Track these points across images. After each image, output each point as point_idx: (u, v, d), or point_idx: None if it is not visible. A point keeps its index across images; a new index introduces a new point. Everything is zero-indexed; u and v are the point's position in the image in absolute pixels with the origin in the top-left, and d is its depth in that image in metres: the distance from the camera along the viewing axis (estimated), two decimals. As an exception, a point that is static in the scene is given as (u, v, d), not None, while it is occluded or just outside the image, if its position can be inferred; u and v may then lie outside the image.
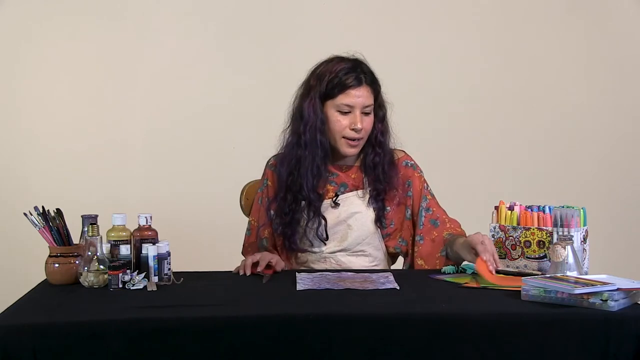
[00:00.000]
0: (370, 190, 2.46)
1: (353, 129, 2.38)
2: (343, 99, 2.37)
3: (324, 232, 2.43)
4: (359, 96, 2.37)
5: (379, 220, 2.46)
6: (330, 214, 2.45)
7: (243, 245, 2.56)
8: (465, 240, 2.25)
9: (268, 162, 2.56)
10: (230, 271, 2.28)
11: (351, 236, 2.45)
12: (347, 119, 2.38)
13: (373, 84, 2.41)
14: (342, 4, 3.77)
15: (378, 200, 2.45)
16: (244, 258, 2.49)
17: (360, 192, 2.47)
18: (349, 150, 2.42)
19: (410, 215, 2.50)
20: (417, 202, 2.48)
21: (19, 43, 3.63)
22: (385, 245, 2.49)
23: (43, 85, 3.65)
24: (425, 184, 2.50)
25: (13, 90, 3.65)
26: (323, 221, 2.43)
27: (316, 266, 2.46)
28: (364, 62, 2.43)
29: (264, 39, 3.73)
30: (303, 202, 2.43)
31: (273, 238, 2.50)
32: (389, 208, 2.47)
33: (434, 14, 3.82)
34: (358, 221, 2.45)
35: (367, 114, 2.40)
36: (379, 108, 2.45)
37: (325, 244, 2.45)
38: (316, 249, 2.46)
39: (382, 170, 2.44)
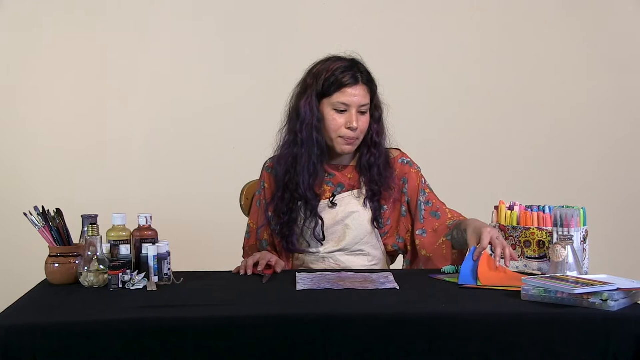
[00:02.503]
0: (366, 191, 2.46)
1: (349, 128, 2.38)
2: (339, 98, 2.37)
3: (321, 232, 2.43)
4: (355, 95, 2.37)
5: (376, 220, 2.46)
6: (328, 214, 2.45)
7: (243, 248, 2.56)
8: (476, 228, 2.23)
9: (265, 164, 2.56)
10: (230, 271, 2.28)
11: (349, 236, 2.45)
12: (344, 117, 2.38)
13: (369, 83, 2.41)
14: (342, 4, 3.78)
15: (374, 200, 2.45)
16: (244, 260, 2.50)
17: (356, 192, 2.48)
18: (345, 149, 2.42)
19: (407, 212, 2.49)
20: (415, 197, 2.48)
21: (18, 42, 3.64)
22: (384, 244, 2.49)
23: (43, 85, 3.66)
24: (422, 179, 2.50)
25: (13, 90, 3.65)
26: (320, 221, 2.43)
27: (315, 266, 2.46)
28: (361, 62, 2.44)
29: (264, 39, 3.73)
30: (300, 202, 2.43)
31: (272, 239, 2.50)
32: (385, 207, 2.47)
33: (434, 14, 3.82)
34: (356, 221, 2.45)
35: (363, 113, 2.40)
36: (375, 109, 2.45)
37: (322, 244, 2.45)
38: (314, 250, 2.46)
39: (377, 171, 2.44)
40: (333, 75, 2.37)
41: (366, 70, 2.42)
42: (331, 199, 2.46)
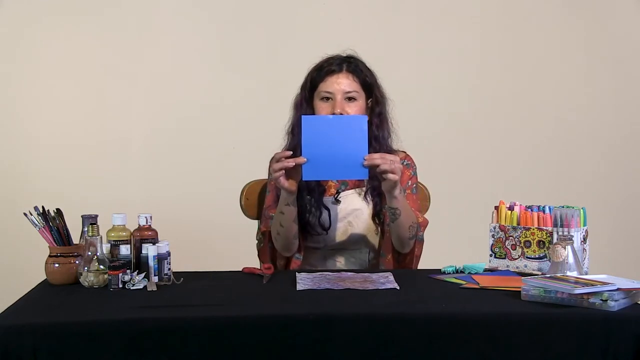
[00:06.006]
0: (367, 186, 2.47)
1: (333, 114, 2.37)
2: (323, 87, 2.40)
3: (327, 221, 2.44)
4: (338, 83, 2.39)
5: (377, 216, 2.47)
6: (332, 211, 2.47)
7: (260, 240, 2.53)
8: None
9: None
10: (230, 271, 2.27)
11: (352, 233, 2.47)
12: (330, 106, 2.40)
13: (357, 71, 2.42)
14: (342, 4, 3.77)
15: (374, 195, 2.46)
16: (248, 261, 2.48)
17: (359, 189, 2.49)
18: None
19: None
20: None
21: (18, 42, 3.63)
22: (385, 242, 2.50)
23: (43, 85, 3.66)
24: (409, 181, 2.49)
25: (13, 89, 3.65)
26: (326, 211, 2.44)
27: (316, 262, 2.48)
28: (354, 56, 2.46)
29: (264, 39, 3.73)
30: (304, 192, 2.43)
31: None
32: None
33: (434, 15, 3.82)
34: (358, 218, 2.47)
35: (351, 99, 2.40)
36: (375, 103, 2.46)
37: (327, 233, 2.45)
38: (318, 243, 2.47)
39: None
40: (319, 68, 2.43)
41: (357, 60, 2.44)
42: (335, 195, 2.47)
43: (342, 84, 2.39)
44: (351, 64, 2.42)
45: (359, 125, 2.13)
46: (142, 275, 2.05)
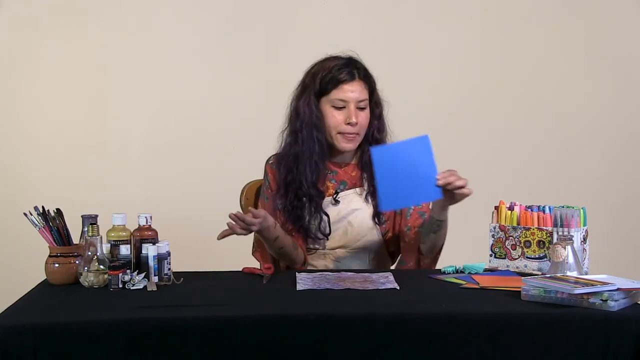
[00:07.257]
0: (367, 187, 2.47)
1: (348, 124, 2.38)
2: (337, 94, 2.39)
3: (327, 227, 2.44)
4: (352, 91, 2.38)
5: (377, 217, 2.47)
6: (331, 211, 2.46)
7: (253, 244, 2.55)
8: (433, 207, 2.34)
9: (268, 160, 2.56)
10: (230, 271, 2.28)
11: (351, 233, 2.47)
12: (342, 114, 2.39)
13: (367, 79, 2.42)
14: (342, 4, 3.77)
15: (374, 197, 2.46)
16: (248, 261, 2.49)
17: (358, 189, 2.49)
18: (346, 146, 2.42)
19: (400, 210, 2.50)
20: None
21: (19, 42, 3.63)
22: (385, 242, 2.50)
23: (43, 85, 3.65)
24: None
25: (13, 89, 3.65)
26: (325, 217, 2.44)
27: (316, 262, 2.48)
28: (358, 59, 2.45)
29: (264, 39, 3.73)
30: (304, 199, 2.43)
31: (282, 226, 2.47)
32: (386, 206, 2.48)
33: (434, 15, 3.81)
34: (358, 218, 2.47)
35: (362, 108, 2.41)
36: (375, 106, 2.46)
37: (327, 239, 2.45)
38: (318, 246, 2.47)
39: None
40: (330, 73, 2.40)
41: (363, 66, 2.44)
42: (334, 196, 2.47)
43: (355, 91, 2.39)
44: (360, 71, 2.41)
45: (424, 146, 2.18)
46: (142, 275, 2.05)
